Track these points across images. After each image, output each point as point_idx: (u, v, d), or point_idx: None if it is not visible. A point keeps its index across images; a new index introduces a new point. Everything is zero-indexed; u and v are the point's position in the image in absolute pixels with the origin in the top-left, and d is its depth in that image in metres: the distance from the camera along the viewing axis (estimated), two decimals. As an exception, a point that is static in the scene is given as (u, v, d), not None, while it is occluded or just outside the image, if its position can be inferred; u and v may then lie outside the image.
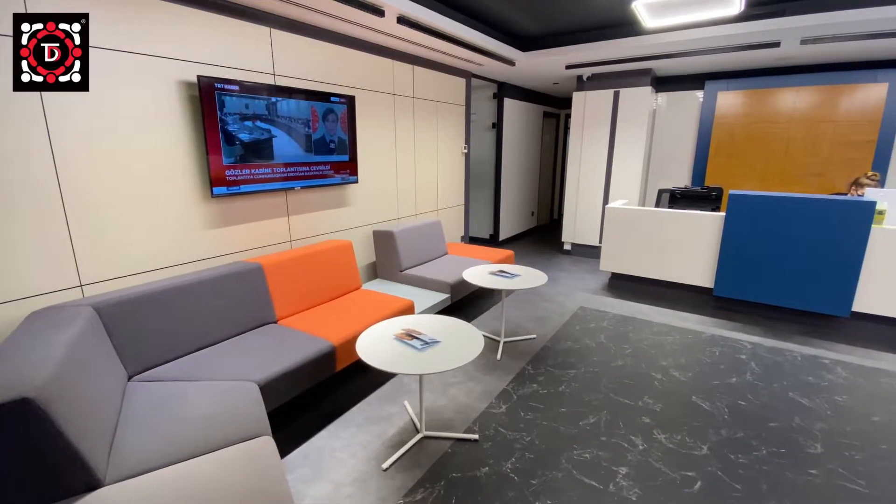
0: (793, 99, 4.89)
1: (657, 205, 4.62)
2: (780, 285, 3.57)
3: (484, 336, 3.33)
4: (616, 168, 5.45)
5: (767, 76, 4.98)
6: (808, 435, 2.21)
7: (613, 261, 4.43)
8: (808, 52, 4.12)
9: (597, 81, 5.39)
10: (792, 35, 3.65)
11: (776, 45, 3.83)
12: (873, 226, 3.22)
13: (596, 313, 3.82)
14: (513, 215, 6.74)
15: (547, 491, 1.84)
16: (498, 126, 6.10)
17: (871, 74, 4.51)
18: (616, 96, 5.30)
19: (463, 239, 5.45)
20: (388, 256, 3.71)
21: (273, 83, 2.95)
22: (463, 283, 3.43)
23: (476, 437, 2.17)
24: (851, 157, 4.68)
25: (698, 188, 4.18)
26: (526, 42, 4.64)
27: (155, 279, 2.37)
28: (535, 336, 3.36)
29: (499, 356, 3.01)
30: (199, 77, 2.40)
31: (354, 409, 2.43)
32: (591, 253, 5.75)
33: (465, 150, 5.20)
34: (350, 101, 3.39)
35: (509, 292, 4.31)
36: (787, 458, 2.04)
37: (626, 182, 5.41)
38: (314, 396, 2.56)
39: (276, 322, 2.66)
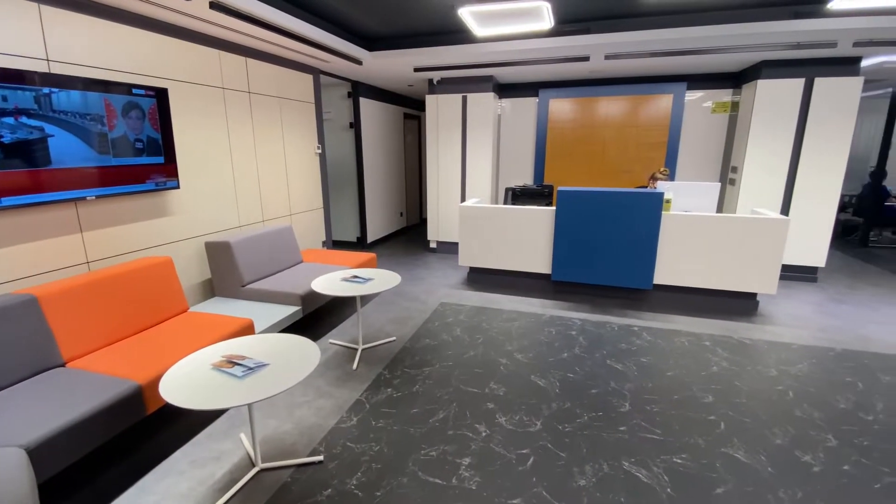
0: (606, 107, 5.72)
1: (504, 202, 5.00)
2: (601, 267, 4.13)
3: (340, 346, 3.28)
4: (470, 168, 5.75)
5: (587, 86, 5.74)
6: (620, 396, 2.57)
7: (470, 256, 4.66)
8: (613, 66, 4.84)
9: (446, 85, 5.60)
10: (598, 50, 4.24)
11: (586, 59, 4.42)
12: (663, 213, 3.92)
13: (455, 307, 3.96)
14: (380, 217, 6.67)
15: (391, 500, 1.80)
16: (356, 126, 5.96)
17: (661, 87, 5.51)
18: (464, 100, 5.59)
19: (325, 244, 5.19)
20: (226, 270, 3.32)
21: (47, 70, 2.39)
22: (315, 293, 3.24)
23: (321, 458, 2.04)
24: (650, 156, 5.66)
25: (534, 186, 4.62)
26: (372, 42, 4.59)
27: None
28: (394, 338, 3.33)
29: (355, 365, 2.90)
30: None
31: (177, 454, 2.10)
32: (454, 249, 5.99)
33: (319, 151, 4.95)
34: (161, 95, 2.93)
35: (367, 297, 4.23)
36: (603, 420, 2.34)
37: (479, 181, 5.74)
38: (122, 448, 2.14)
39: (63, 365, 2.15)
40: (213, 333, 2.46)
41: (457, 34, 4.32)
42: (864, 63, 4.41)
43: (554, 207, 4.20)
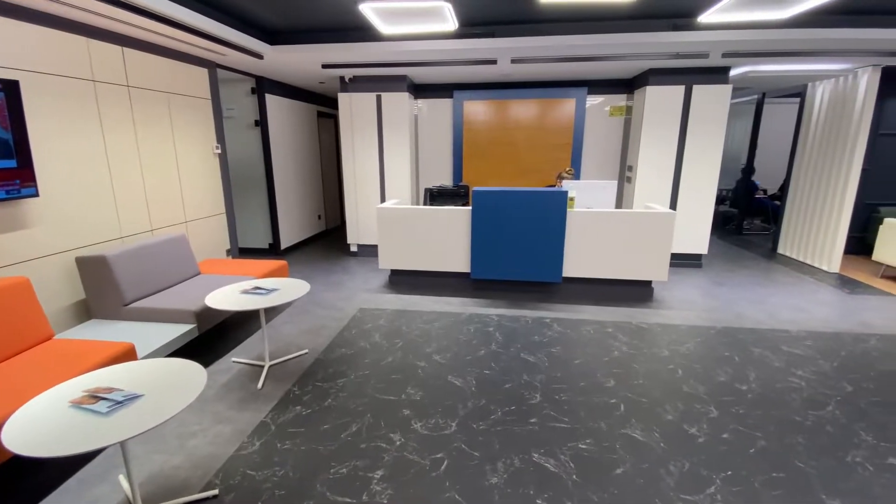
0: (517, 109, 5.94)
1: (423, 203, 4.98)
2: (516, 263, 4.27)
3: (244, 364, 3.02)
4: (388, 169, 5.66)
5: (501, 89, 5.91)
6: (531, 388, 2.66)
7: (390, 258, 4.57)
8: (521, 70, 5.02)
9: (359, 84, 5.45)
10: (504, 54, 4.37)
11: (494, 62, 4.53)
12: (568, 210, 4.15)
13: (374, 313, 3.86)
14: (295, 220, 6.32)
15: (295, 527, 1.68)
16: (262, 124, 5.58)
17: (565, 91, 5.83)
18: (379, 100, 5.47)
19: (230, 253, 4.79)
20: (103, 289, 2.91)
21: None
22: (213, 309, 2.95)
23: (215, 492, 1.84)
24: (558, 157, 5.98)
25: (450, 186, 4.66)
26: (274, 35, 4.30)
27: None
28: (307, 351, 3.15)
29: (260, 384, 2.69)
30: None
31: (35, 510, 1.78)
32: (376, 252, 5.85)
33: (218, 150, 4.55)
34: (10, 87, 2.48)
35: (279, 309, 3.98)
36: (515, 414, 2.39)
37: (398, 182, 5.67)
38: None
39: None
40: (82, 364, 2.13)
41: (364, 31, 4.20)
42: (733, 72, 5.02)
43: (470, 207, 4.26)
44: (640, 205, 5.27)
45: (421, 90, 6.04)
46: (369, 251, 5.90)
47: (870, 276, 4.97)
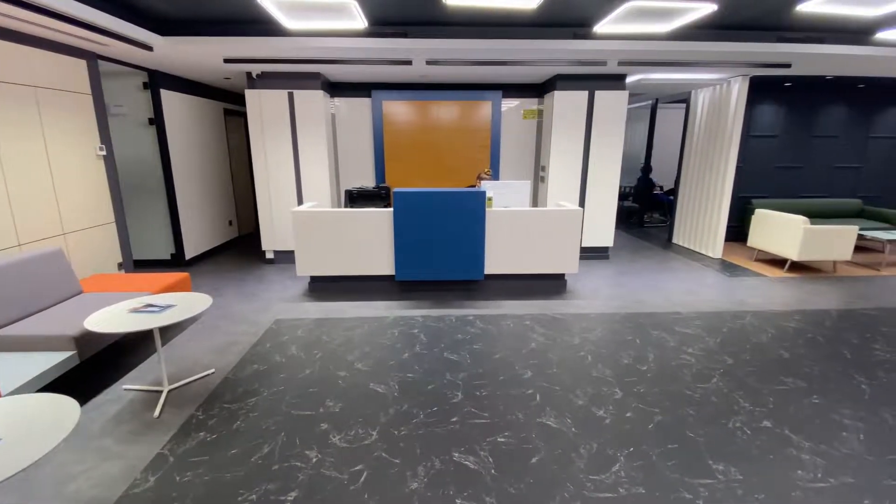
0: (438, 111, 5.99)
1: (344, 205, 4.83)
2: (439, 263, 4.30)
3: (138, 391, 2.68)
4: (304, 170, 5.40)
5: (420, 90, 5.90)
6: (453, 386, 2.68)
7: (309, 264, 4.37)
8: (438, 71, 5.06)
9: (268, 80, 5.14)
10: (418, 55, 4.37)
11: (409, 62, 4.52)
12: (487, 209, 4.26)
13: (292, 323, 3.66)
14: (202, 228, 5.82)
15: (196, 568, 1.53)
16: (158, 122, 5.05)
17: (481, 94, 5.98)
18: (291, 97, 5.21)
19: (122, 267, 4.28)
20: (-52, 318, 2.44)
21: None
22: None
23: (97, 541, 1.62)
24: (478, 158, 6.12)
25: (371, 187, 4.57)
26: (166, 25, 3.90)
27: None
28: (213, 370, 2.90)
29: (157, 412, 2.42)
30: None
31: None
32: (294, 259, 5.57)
33: (103, 152, 4.04)
34: None
35: (180, 326, 3.64)
36: (438, 415, 2.40)
37: (316, 184, 5.44)
38: None
39: None
40: (-87, 411, 1.76)
41: (270, 25, 3.96)
42: (629, 79, 5.48)
43: (392, 209, 4.21)
44: (554, 203, 5.57)
45: (338, 88, 5.86)
46: (287, 258, 5.61)
47: (746, 260, 5.71)
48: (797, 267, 5.38)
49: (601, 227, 5.69)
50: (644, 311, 3.95)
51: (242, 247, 6.57)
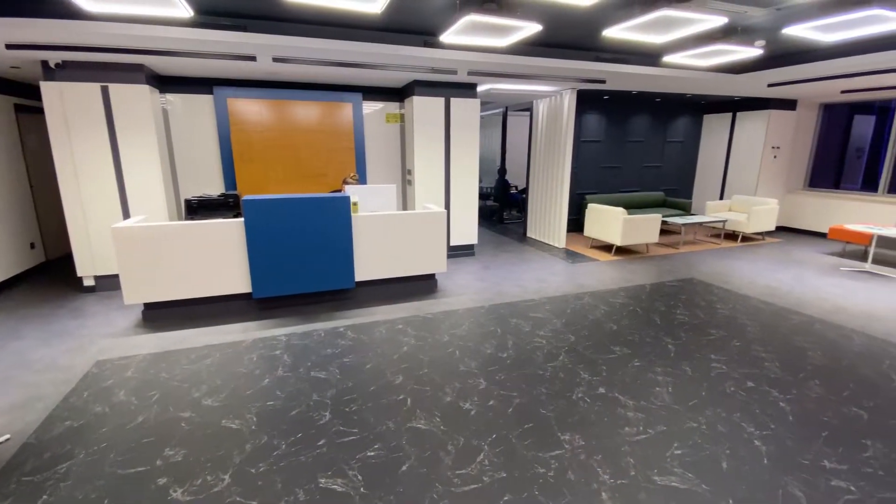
0: (296, 111, 5.62)
1: (185, 217, 4.22)
2: (304, 274, 4.05)
3: None
4: (130, 178, 4.57)
5: (272, 88, 5.46)
6: (321, 407, 2.54)
7: (140, 289, 3.71)
8: (290, 70, 4.73)
9: (73, 71, 4.21)
10: (263, 52, 4.03)
11: (253, 58, 4.15)
12: (353, 214, 4.14)
13: (118, 363, 3.07)
14: (-18, 255, 4.52)
15: None
16: None
17: (341, 96, 5.79)
18: (105, 92, 4.36)
19: None
20: None
21: None
22: None
23: None
24: (342, 160, 5.94)
25: (215, 196, 4.09)
26: None
27: None
28: (8, 436, 2.27)
29: None
30: None
31: None
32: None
33: None
34: None
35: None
36: (302, 442, 2.24)
37: (147, 193, 4.65)
38: None
39: None
40: None
41: (67, 7, 3.24)
42: (479, 88, 5.87)
43: (242, 219, 3.81)
44: (421, 205, 5.70)
45: (170, 83, 5.10)
46: (113, 283, 4.69)
47: (584, 248, 6.60)
48: (621, 251, 6.42)
49: (466, 226, 6.01)
50: (504, 302, 4.28)
51: (53, 273, 5.31)
